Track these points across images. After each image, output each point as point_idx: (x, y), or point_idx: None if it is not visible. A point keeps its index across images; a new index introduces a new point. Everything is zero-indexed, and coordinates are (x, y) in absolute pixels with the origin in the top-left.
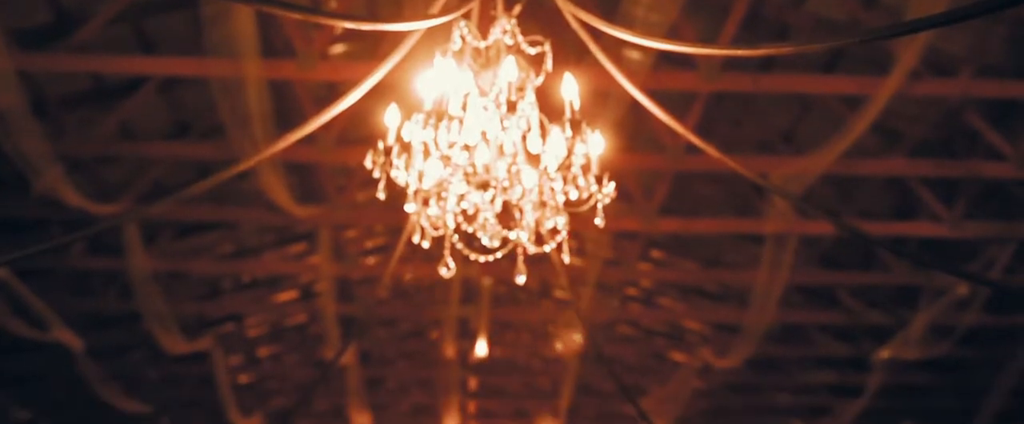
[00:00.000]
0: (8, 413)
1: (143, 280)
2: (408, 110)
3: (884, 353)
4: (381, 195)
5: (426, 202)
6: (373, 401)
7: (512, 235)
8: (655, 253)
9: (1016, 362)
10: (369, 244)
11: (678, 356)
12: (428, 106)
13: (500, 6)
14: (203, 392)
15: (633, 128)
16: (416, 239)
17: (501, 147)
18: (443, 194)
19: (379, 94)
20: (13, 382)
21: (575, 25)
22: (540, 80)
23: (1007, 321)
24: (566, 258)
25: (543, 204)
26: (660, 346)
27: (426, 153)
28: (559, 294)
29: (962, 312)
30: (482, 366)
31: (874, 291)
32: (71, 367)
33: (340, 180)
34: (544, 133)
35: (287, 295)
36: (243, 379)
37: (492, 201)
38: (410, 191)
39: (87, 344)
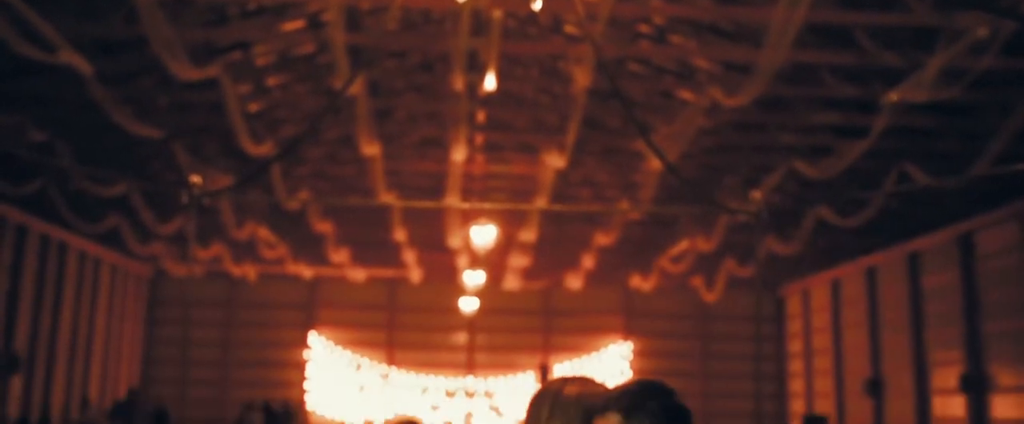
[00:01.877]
0: (25, 134)
1: (148, 4)
2: None
3: (893, 95)
4: None
5: None
6: (382, 131)
7: None
8: None
9: None
10: None
11: (686, 94)
12: None
13: None
14: (214, 119)
15: None
16: None
17: None
18: None
19: None
20: (29, 103)
21: None
22: None
23: (1021, 64)
24: None
25: None
26: (669, 84)
27: None
28: (569, 29)
29: (978, 55)
30: (490, 100)
31: (892, 32)
32: (84, 91)
33: None
34: None
35: (294, 24)
36: (253, 107)
37: None
38: None
39: (96, 68)
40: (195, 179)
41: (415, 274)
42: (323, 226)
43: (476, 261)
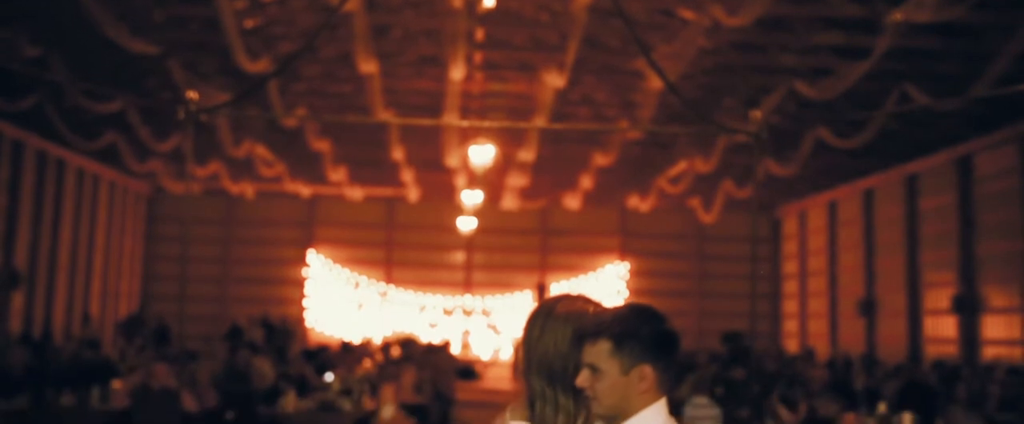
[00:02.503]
0: (19, 49)
1: None
2: None
3: (897, 15)
4: None
5: None
6: (379, 49)
7: None
8: None
9: None
10: None
11: (687, 14)
12: None
13: None
14: (210, 35)
15: None
16: None
17: None
18: None
19: None
20: (22, 18)
21: None
22: None
23: None
24: None
25: None
26: (670, 2)
27: None
28: None
29: None
30: (489, 17)
31: None
32: (78, 6)
33: None
34: None
35: None
36: (249, 23)
37: None
38: None
39: None
40: (191, 95)
41: (413, 193)
42: (321, 144)
43: (474, 180)
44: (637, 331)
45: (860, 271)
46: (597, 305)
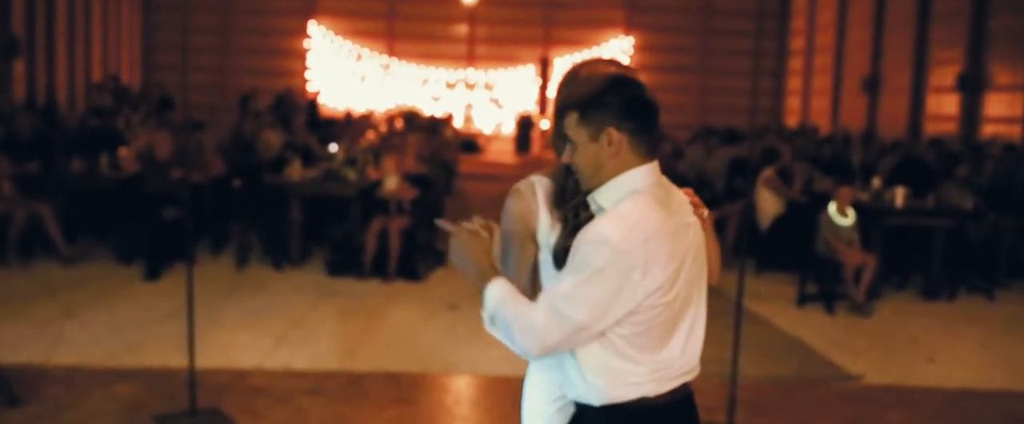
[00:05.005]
0: None
1: None
2: None
3: None
4: None
5: None
6: None
7: None
8: None
9: None
10: None
11: None
12: None
13: None
14: None
15: None
16: None
17: None
18: None
19: None
20: None
21: None
22: None
23: None
24: None
25: None
26: None
27: None
28: None
29: None
30: None
31: None
32: None
33: None
34: None
35: None
36: None
37: None
38: None
39: None
40: None
41: None
42: None
43: None
44: (602, 98)
45: (867, 48)
46: (622, 68)
